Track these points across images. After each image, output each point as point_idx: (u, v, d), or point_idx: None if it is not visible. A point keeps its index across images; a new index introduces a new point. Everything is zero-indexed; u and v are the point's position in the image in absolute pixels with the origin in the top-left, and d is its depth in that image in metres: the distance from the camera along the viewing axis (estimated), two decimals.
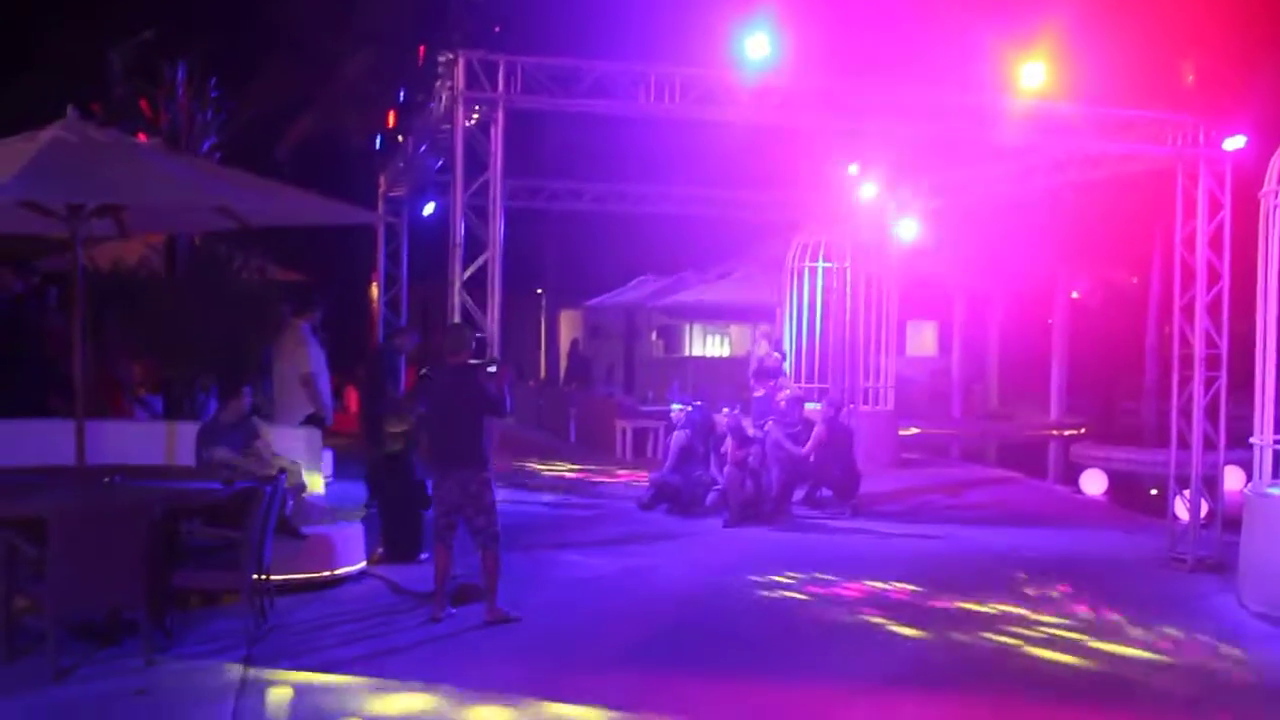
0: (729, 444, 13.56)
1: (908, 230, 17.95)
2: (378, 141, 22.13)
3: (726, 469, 13.41)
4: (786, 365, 17.19)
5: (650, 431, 19.59)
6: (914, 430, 23.71)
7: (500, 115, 10.76)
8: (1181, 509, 13.56)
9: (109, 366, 12.42)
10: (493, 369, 8.78)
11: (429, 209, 17.79)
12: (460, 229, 10.83)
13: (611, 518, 13.46)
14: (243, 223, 9.48)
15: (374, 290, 23.03)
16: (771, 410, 14.24)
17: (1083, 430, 27.38)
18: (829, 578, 10.46)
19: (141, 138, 11.82)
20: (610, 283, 32.33)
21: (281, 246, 15.27)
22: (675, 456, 14.03)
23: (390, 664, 7.64)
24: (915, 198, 17.70)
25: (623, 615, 9.14)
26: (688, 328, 34.01)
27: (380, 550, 10.51)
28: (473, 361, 8.83)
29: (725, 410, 14.17)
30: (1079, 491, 16.53)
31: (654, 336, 35.12)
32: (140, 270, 13.18)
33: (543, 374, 33.01)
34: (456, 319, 10.42)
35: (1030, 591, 10.07)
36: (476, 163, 11.08)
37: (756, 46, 11.28)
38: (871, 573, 10.66)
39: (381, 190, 17.61)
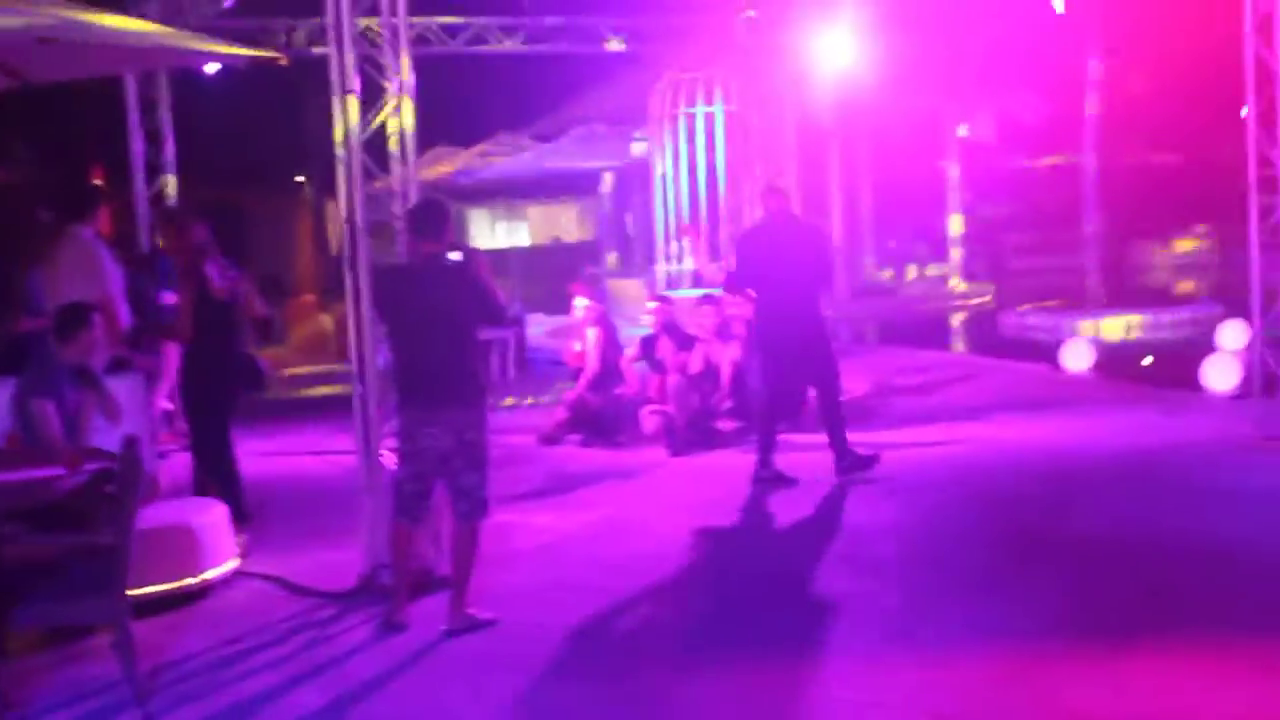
0: (664, 345, 12.34)
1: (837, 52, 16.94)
2: None
3: (670, 380, 12.12)
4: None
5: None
6: None
7: None
8: (1219, 378, 13.19)
9: None
10: (456, 257, 7.20)
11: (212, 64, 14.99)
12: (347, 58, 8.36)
13: (522, 458, 11.89)
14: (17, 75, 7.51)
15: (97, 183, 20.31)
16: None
17: (989, 298, 26.99)
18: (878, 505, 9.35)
19: None
20: None
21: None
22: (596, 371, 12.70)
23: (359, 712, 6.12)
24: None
25: (640, 597, 7.75)
26: (478, 213, 32.12)
27: (244, 535, 8.89)
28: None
29: (651, 304, 12.90)
30: (1059, 369, 15.79)
31: None
32: None
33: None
34: (343, 211, 8.34)
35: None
36: None
37: None
38: (932, 490, 9.75)
39: None
